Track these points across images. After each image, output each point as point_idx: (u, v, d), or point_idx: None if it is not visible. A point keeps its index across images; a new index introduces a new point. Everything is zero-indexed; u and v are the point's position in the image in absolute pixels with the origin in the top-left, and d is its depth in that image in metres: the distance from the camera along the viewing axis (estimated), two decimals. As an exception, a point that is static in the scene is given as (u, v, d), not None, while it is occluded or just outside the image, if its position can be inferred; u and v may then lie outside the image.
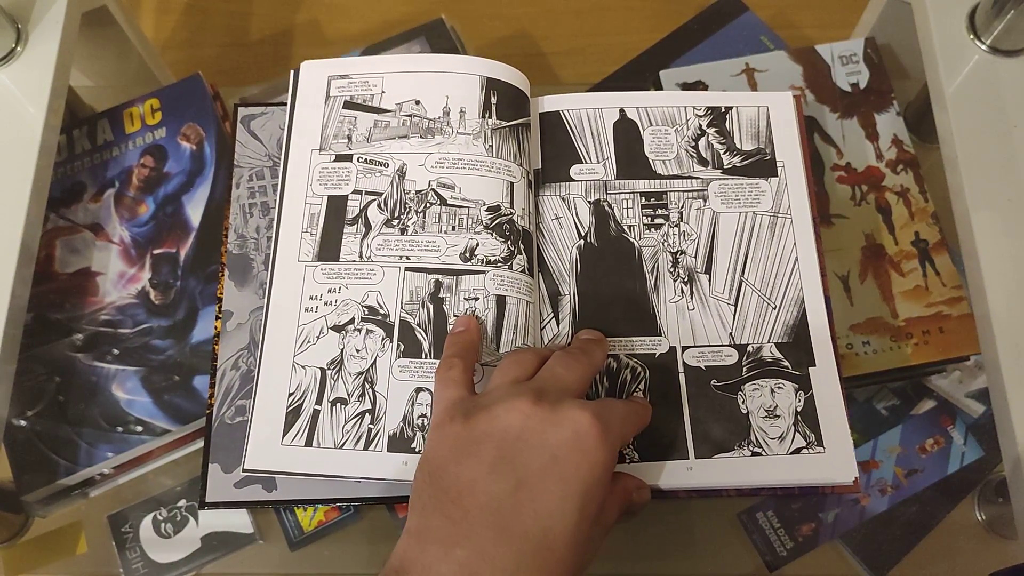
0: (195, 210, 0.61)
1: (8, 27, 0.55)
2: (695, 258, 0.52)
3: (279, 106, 0.59)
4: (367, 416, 0.47)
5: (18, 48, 0.55)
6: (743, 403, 0.48)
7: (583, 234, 0.52)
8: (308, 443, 0.47)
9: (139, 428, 0.55)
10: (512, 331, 0.49)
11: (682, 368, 0.49)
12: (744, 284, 0.51)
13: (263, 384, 0.48)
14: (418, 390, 0.47)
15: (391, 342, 0.48)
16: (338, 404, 0.48)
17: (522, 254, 0.50)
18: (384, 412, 0.47)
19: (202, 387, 0.56)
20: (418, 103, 0.53)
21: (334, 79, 0.55)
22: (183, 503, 0.57)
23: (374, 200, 0.51)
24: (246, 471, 0.47)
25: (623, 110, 0.55)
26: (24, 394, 0.56)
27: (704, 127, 0.55)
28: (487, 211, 0.51)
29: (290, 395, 0.48)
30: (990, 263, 0.48)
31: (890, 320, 0.56)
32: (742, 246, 0.52)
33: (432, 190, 0.51)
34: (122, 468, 0.57)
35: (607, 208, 0.53)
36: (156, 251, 0.60)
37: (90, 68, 0.75)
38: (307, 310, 0.49)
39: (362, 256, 0.50)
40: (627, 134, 0.55)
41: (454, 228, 0.50)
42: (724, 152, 0.54)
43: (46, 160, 0.54)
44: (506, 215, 0.51)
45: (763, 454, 0.47)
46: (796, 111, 0.55)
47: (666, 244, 0.52)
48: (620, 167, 0.54)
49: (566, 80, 0.82)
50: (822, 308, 0.50)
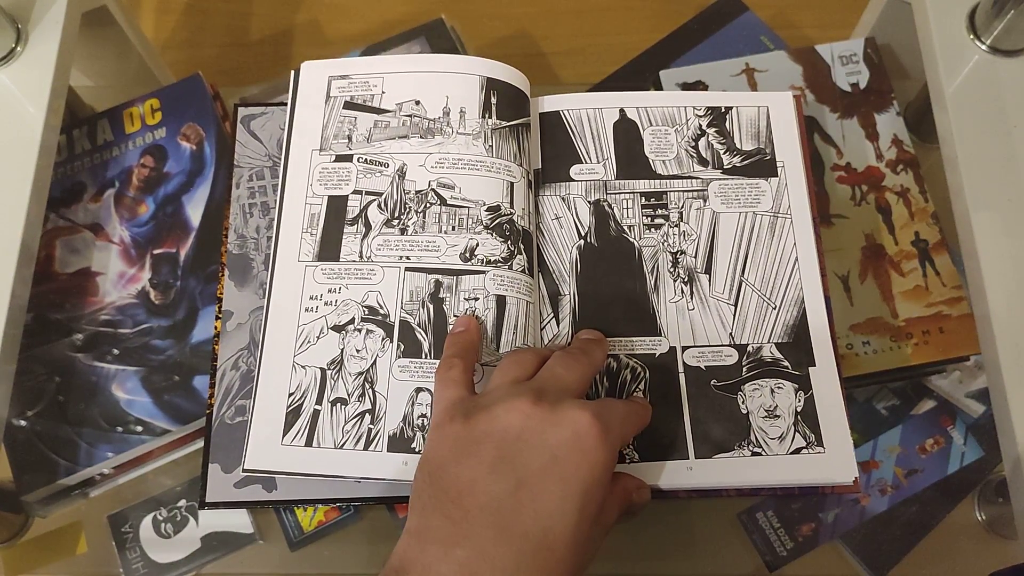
0: (195, 210, 0.61)
1: (8, 27, 0.55)
2: (695, 258, 0.52)
3: (279, 106, 0.59)
4: (367, 416, 0.47)
5: (18, 48, 0.55)
6: (743, 403, 0.48)
7: (583, 234, 0.52)
8: (308, 443, 0.47)
9: (139, 428, 0.55)
10: (512, 331, 0.49)
11: (682, 368, 0.49)
12: (744, 284, 0.51)
13: (263, 384, 0.48)
14: (418, 390, 0.47)
15: (391, 342, 0.48)
16: (338, 404, 0.48)
17: (522, 254, 0.50)
18: (384, 412, 0.47)
19: (202, 387, 0.56)
20: (418, 103, 0.53)
21: (334, 79, 0.55)
22: (183, 503, 0.57)
23: (374, 200, 0.51)
24: (246, 471, 0.47)
25: (623, 110, 0.55)
26: (24, 394, 0.56)
27: (704, 127, 0.55)
28: (487, 211, 0.51)
29: (290, 395, 0.48)
30: (990, 263, 0.48)
31: (890, 320, 0.56)
32: (742, 246, 0.52)
33: (432, 190, 0.51)
34: (122, 468, 0.57)
35: (607, 208, 0.53)
36: (156, 251, 0.60)
37: (90, 68, 0.75)
38: (307, 310, 0.49)
39: (362, 256, 0.50)
40: (627, 134, 0.55)
41: (454, 228, 0.50)
42: (724, 152, 0.54)
43: (46, 160, 0.54)
44: (506, 215, 0.51)
45: (763, 454, 0.47)
46: (796, 111, 0.55)
47: (666, 244, 0.52)
48: (620, 167, 0.54)
49: (566, 80, 0.82)
50: (822, 308, 0.50)
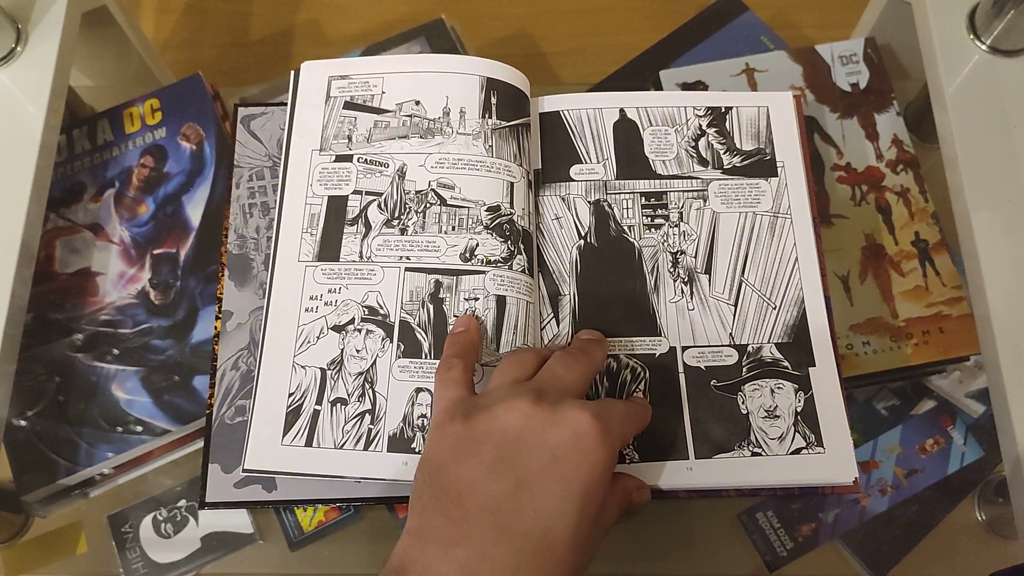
0: (195, 210, 0.61)
1: (8, 27, 0.55)
2: (695, 258, 0.52)
3: (279, 106, 0.59)
4: (367, 416, 0.47)
5: (18, 48, 0.55)
6: (743, 403, 0.48)
7: (583, 234, 0.52)
8: (308, 443, 0.47)
9: (139, 428, 0.55)
10: (512, 331, 0.49)
11: (682, 368, 0.49)
12: (744, 284, 0.51)
13: (263, 384, 0.48)
14: (418, 390, 0.47)
15: (391, 342, 0.48)
16: (338, 404, 0.48)
17: (522, 254, 0.50)
18: (384, 412, 0.47)
19: (202, 387, 0.56)
20: (418, 103, 0.53)
21: (334, 79, 0.55)
22: (183, 503, 0.57)
23: (374, 200, 0.51)
24: (246, 471, 0.47)
25: (623, 110, 0.55)
26: (24, 394, 0.56)
27: (704, 127, 0.55)
28: (487, 211, 0.51)
29: (290, 395, 0.48)
30: (990, 263, 0.48)
31: (890, 320, 0.56)
32: (742, 246, 0.52)
33: (432, 190, 0.51)
34: (122, 468, 0.57)
35: (607, 208, 0.53)
36: (156, 251, 0.60)
37: (90, 68, 0.75)
38: (307, 310, 0.49)
39: (362, 256, 0.50)
40: (627, 134, 0.55)
41: (454, 228, 0.50)
42: (724, 152, 0.54)
43: (46, 160, 0.54)
44: (506, 215, 0.51)
45: (763, 454, 0.47)
46: (796, 111, 0.55)
47: (666, 244, 0.52)
48: (620, 167, 0.54)
49: (566, 80, 0.82)
50: (822, 308, 0.50)
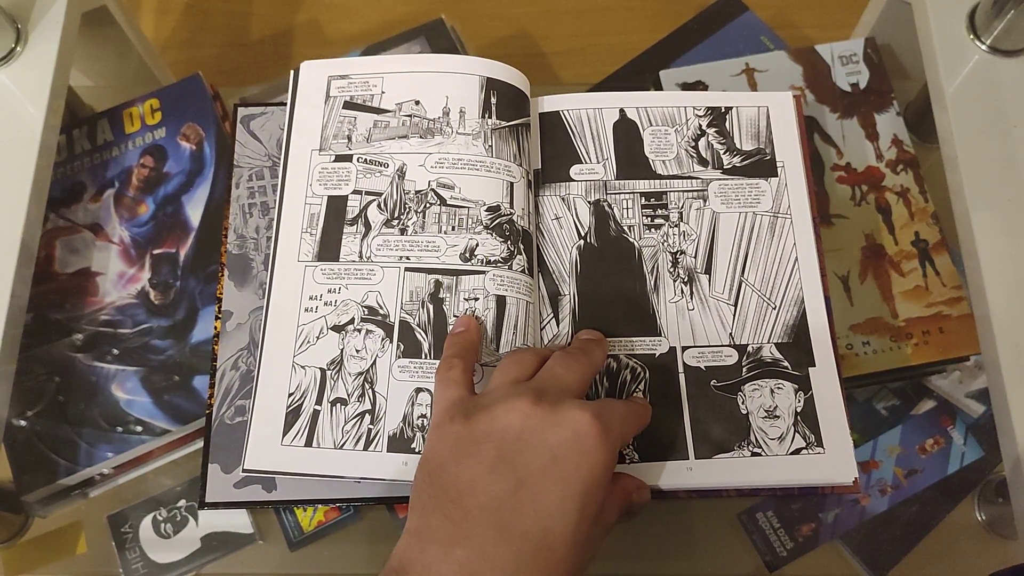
0: (195, 210, 0.61)
1: (8, 27, 0.55)
2: (695, 258, 0.52)
3: (279, 106, 0.58)
4: (367, 416, 0.47)
5: (18, 48, 0.55)
6: (743, 403, 0.48)
7: (583, 234, 0.52)
8: (308, 443, 0.47)
9: (139, 428, 0.55)
10: (512, 331, 0.49)
11: (682, 368, 0.49)
12: (744, 284, 0.51)
13: (263, 384, 0.48)
14: (418, 390, 0.47)
15: (391, 342, 0.48)
16: (338, 404, 0.48)
17: (522, 254, 0.50)
18: (384, 412, 0.47)
19: (202, 387, 0.56)
20: (418, 103, 0.53)
21: (334, 79, 0.55)
22: (183, 503, 0.57)
23: (374, 200, 0.51)
24: (246, 471, 0.47)
25: (623, 110, 0.55)
26: (24, 394, 0.56)
27: (704, 127, 0.55)
28: (487, 211, 0.51)
29: (290, 395, 0.48)
30: (990, 263, 0.48)
31: (890, 320, 0.56)
32: (742, 246, 0.52)
33: (432, 190, 0.51)
34: (122, 468, 0.57)
35: (607, 208, 0.53)
36: (156, 251, 0.60)
37: (90, 68, 0.75)
38: (307, 310, 0.49)
39: (362, 256, 0.50)
40: (627, 134, 0.55)
41: (454, 228, 0.50)
42: (724, 152, 0.54)
43: (46, 160, 0.54)
44: (506, 215, 0.51)
45: (763, 454, 0.47)
46: (796, 111, 0.55)
47: (666, 244, 0.52)
48: (620, 167, 0.54)
49: (566, 80, 0.82)
50: (822, 308, 0.50)
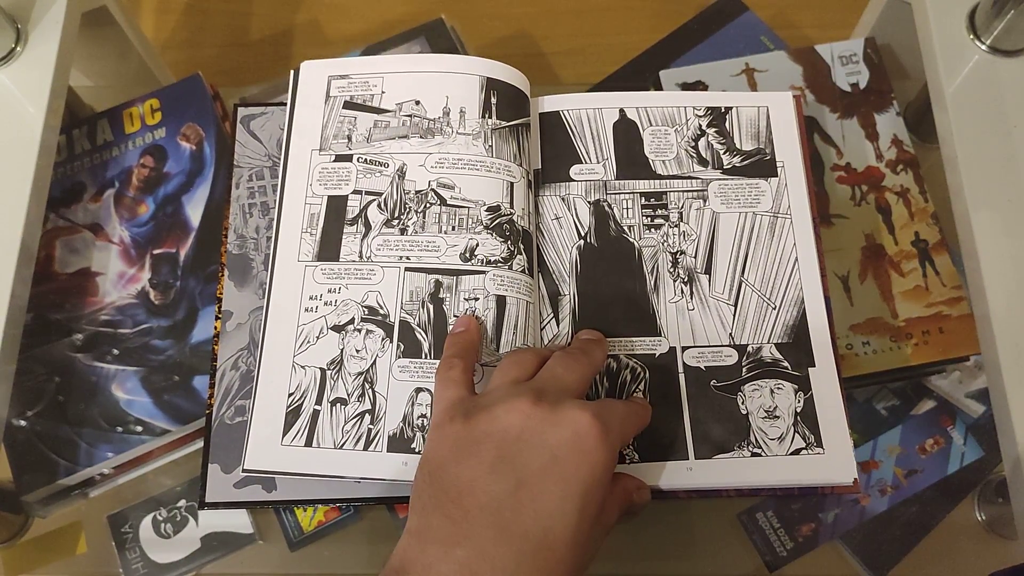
0: (195, 210, 0.61)
1: (8, 27, 0.55)
2: (695, 258, 0.52)
3: (279, 106, 0.59)
4: (367, 416, 0.47)
5: (18, 48, 0.55)
6: (743, 404, 0.48)
7: (583, 234, 0.52)
8: (308, 443, 0.47)
9: (139, 428, 0.55)
10: (512, 331, 0.49)
11: (682, 368, 0.49)
12: (744, 284, 0.51)
13: (263, 384, 0.48)
14: (418, 390, 0.47)
15: (391, 342, 0.48)
16: (338, 404, 0.48)
17: (522, 254, 0.50)
18: (384, 412, 0.47)
19: (202, 387, 0.56)
20: (418, 103, 0.53)
21: (334, 79, 0.55)
22: (183, 503, 0.57)
23: (374, 200, 0.51)
24: (246, 471, 0.47)
25: (623, 110, 0.55)
26: (24, 394, 0.56)
27: (704, 127, 0.55)
28: (487, 211, 0.51)
29: (290, 395, 0.48)
30: (990, 263, 0.48)
31: (890, 320, 0.56)
32: (742, 246, 0.52)
33: (432, 190, 0.51)
34: (122, 468, 0.57)
35: (607, 208, 0.53)
36: (156, 251, 0.60)
37: (90, 68, 0.75)
38: (307, 310, 0.49)
39: (362, 256, 0.50)
40: (627, 134, 0.55)
41: (454, 228, 0.50)
42: (724, 152, 0.54)
43: (46, 160, 0.54)
44: (506, 215, 0.51)
45: (763, 455, 0.47)
46: (796, 111, 0.55)
47: (666, 244, 0.52)
48: (620, 167, 0.54)
49: (566, 80, 0.82)
50: (822, 308, 0.50)
